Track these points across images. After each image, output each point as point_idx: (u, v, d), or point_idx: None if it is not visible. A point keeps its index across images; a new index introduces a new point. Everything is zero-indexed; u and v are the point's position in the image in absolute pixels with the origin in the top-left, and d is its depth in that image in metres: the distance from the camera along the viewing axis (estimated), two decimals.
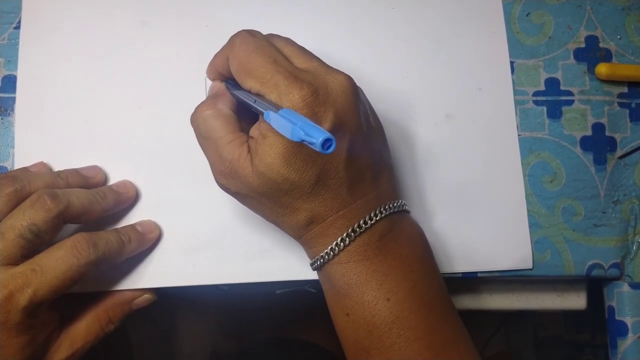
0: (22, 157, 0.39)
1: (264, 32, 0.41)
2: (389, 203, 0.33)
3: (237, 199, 0.34)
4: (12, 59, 0.40)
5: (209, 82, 0.40)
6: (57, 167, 0.39)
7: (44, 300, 0.32)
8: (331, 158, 0.30)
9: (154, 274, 0.38)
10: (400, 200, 0.34)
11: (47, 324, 0.34)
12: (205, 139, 0.32)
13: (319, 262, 0.32)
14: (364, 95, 0.34)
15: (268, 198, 0.31)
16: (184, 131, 0.40)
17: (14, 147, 0.39)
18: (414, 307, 0.31)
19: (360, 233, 0.31)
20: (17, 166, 0.39)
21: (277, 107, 0.28)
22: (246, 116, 0.34)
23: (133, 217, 0.38)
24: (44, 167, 0.38)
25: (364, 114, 0.32)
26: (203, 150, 0.33)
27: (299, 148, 0.29)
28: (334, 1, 0.42)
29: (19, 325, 0.31)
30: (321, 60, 0.32)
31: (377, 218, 0.32)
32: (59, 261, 0.32)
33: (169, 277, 0.38)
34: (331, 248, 0.31)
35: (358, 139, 0.31)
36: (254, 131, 0.32)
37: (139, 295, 0.38)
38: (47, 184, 0.35)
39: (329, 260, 0.32)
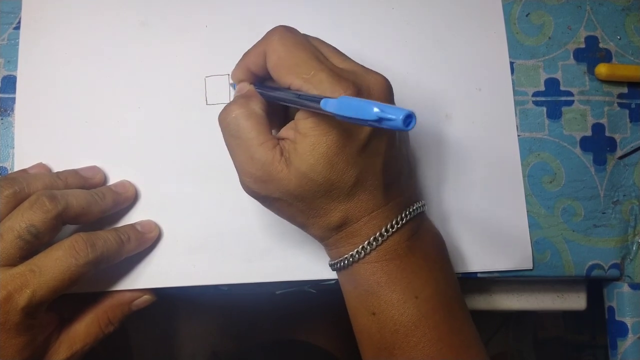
0: (22, 158, 0.39)
1: (265, 32, 0.41)
2: (416, 204, 0.33)
3: (264, 203, 0.33)
4: (12, 59, 0.40)
5: (209, 82, 0.40)
6: (57, 167, 0.39)
7: (42, 301, 0.32)
8: (371, 161, 0.30)
9: (153, 274, 0.38)
10: (422, 201, 0.34)
11: (46, 324, 0.34)
12: (235, 139, 0.31)
13: (345, 262, 0.32)
14: None
15: (302, 200, 0.30)
16: (184, 131, 0.40)
17: (13, 148, 0.39)
18: (438, 306, 0.32)
19: (393, 233, 0.31)
20: (17, 166, 0.39)
21: (329, 98, 0.26)
22: (273, 121, 0.33)
23: (132, 218, 0.38)
24: (43, 169, 0.38)
25: None
26: (230, 151, 0.32)
27: (342, 148, 0.29)
28: (334, 2, 0.42)
29: (18, 326, 0.31)
30: (356, 61, 0.32)
31: (407, 218, 0.32)
32: (57, 261, 0.32)
33: (169, 277, 0.38)
34: (362, 247, 0.31)
35: (394, 141, 0.31)
36: (286, 132, 0.31)
37: (138, 296, 0.38)
38: (46, 185, 0.35)
39: (358, 259, 0.32)
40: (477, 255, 0.40)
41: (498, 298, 0.45)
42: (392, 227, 0.31)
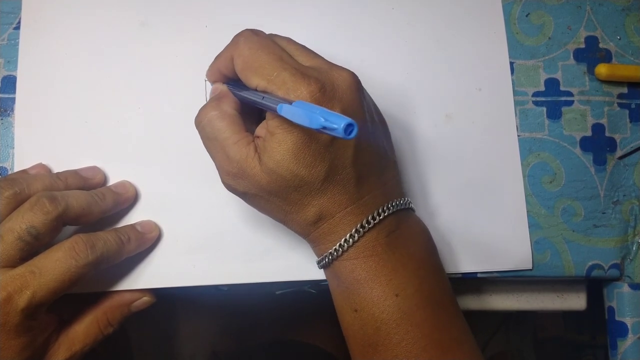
0: (22, 158, 0.39)
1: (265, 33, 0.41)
2: (395, 200, 0.33)
3: (245, 200, 0.33)
4: (12, 59, 0.40)
5: (209, 84, 0.40)
6: (57, 167, 0.39)
7: (42, 302, 0.32)
8: (339, 154, 0.30)
9: (153, 274, 0.38)
10: (406, 198, 0.34)
11: (46, 326, 0.34)
12: (211, 140, 0.32)
13: (327, 259, 0.32)
14: (367, 92, 0.34)
15: (277, 196, 0.31)
16: (183, 131, 0.40)
17: (13, 148, 0.39)
18: (422, 304, 0.32)
19: (369, 229, 0.31)
20: (17, 166, 0.39)
21: (287, 101, 0.28)
22: (250, 117, 0.34)
23: (133, 218, 0.38)
24: (43, 169, 0.38)
25: (368, 110, 0.32)
26: (209, 152, 0.33)
27: (308, 144, 0.29)
28: (334, 1, 0.42)
29: (17, 327, 0.31)
30: (324, 58, 0.32)
31: (385, 214, 0.32)
32: (57, 263, 0.32)
33: (169, 277, 0.38)
34: (340, 244, 0.32)
35: (366, 133, 0.32)
36: (260, 130, 0.32)
37: (137, 298, 0.38)
38: (46, 186, 0.35)
39: (337, 256, 0.32)
40: (477, 255, 0.40)
41: (498, 298, 0.45)
42: (368, 222, 0.31)
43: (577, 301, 0.45)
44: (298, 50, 0.32)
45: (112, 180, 0.39)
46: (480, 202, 0.40)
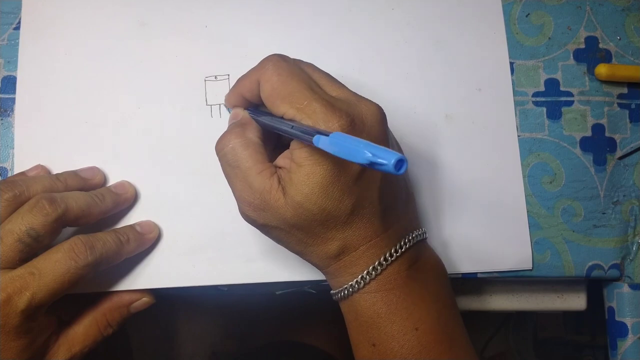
0: (22, 158, 0.39)
1: (265, 34, 0.41)
2: (415, 231, 0.33)
3: (263, 231, 0.33)
4: (12, 60, 0.40)
5: (209, 85, 0.40)
6: (57, 167, 0.39)
7: (42, 303, 0.32)
8: (367, 187, 0.30)
9: (153, 274, 0.38)
10: (423, 228, 0.34)
11: (45, 327, 0.34)
12: (233, 169, 0.31)
13: (346, 292, 0.32)
14: None
15: (299, 229, 0.30)
16: (183, 131, 0.40)
17: (13, 148, 0.39)
18: (439, 338, 0.31)
19: (392, 262, 0.31)
20: (16, 167, 0.39)
21: (318, 132, 0.27)
22: (267, 144, 0.33)
23: (132, 218, 0.38)
24: (42, 171, 0.38)
25: (392, 143, 0.32)
26: (228, 181, 0.32)
27: (338, 177, 0.29)
28: (334, 2, 0.42)
29: (17, 328, 0.31)
30: (348, 88, 0.32)
31: (407, 246, 0.32)
32: (56, 264, 0.32)
33: (169, 277, 0.38)
34: (361, 277, 0.31)
35: None
36: (282, 160, 0.31)
37: (137, 299, 0.38)
38: (45, 187, 0.35)
39: (358, 289, 0.31)
40: (477, 255, 0.40)
41: (498, 298, 0.45)
42: (390, 255, 0.31)
43: (577, 301, 0.45)
44: (323, 79, 0.32)
45: (112, 181, 0.39)
46: (481, 202, 0.40)
